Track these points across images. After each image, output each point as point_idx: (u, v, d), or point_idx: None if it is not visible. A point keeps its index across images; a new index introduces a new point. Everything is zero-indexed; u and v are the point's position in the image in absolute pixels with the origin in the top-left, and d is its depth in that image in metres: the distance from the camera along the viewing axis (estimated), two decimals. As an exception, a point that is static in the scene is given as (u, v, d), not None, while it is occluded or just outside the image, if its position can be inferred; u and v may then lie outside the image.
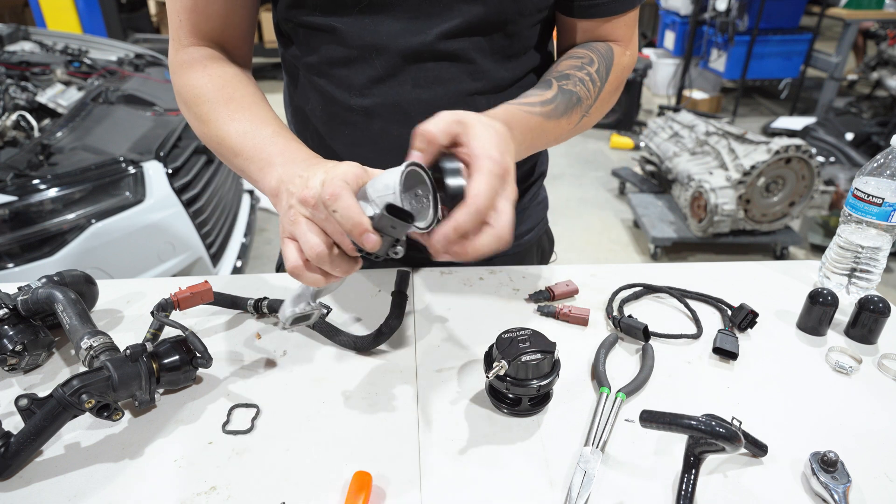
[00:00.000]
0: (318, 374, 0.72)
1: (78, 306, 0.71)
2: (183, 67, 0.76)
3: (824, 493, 0.56)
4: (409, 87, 0.76)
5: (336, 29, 0.73)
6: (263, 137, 0.66)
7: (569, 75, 0.73)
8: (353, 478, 0.56)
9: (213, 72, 0.74)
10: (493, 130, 0.55)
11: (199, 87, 0.74)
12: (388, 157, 0.81)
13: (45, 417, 0.57)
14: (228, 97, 0.72)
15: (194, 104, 0.74)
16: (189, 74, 0.75)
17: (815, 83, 5.75)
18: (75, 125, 2.11)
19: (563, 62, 0.76)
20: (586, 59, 0.75)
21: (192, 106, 0.74)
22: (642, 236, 3.38)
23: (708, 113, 3.95)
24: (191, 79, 0.75)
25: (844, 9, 4.70)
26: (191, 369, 0.67)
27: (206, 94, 0.73)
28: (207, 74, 0.74)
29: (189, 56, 0.76)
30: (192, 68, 0.75)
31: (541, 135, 0.69)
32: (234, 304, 0.81)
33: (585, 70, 0.74)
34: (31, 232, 1.77)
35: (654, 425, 0.57)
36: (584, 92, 0.73)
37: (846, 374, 0.73)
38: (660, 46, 5.85)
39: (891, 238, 0.83)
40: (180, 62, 0.76)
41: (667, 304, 0.87)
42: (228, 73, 0.75)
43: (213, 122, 0.71)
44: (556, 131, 0.71)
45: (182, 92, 0.75)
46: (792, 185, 2.91)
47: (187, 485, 0.57)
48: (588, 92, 0.74)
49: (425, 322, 0.81)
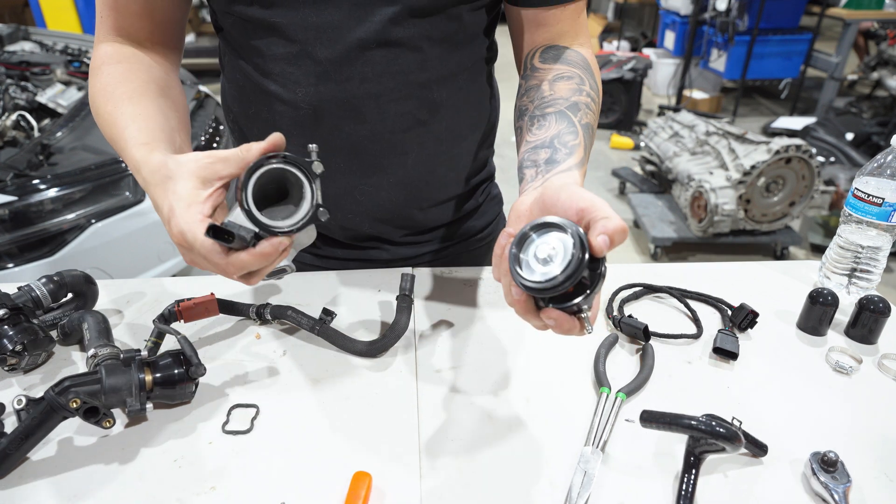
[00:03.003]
0: (318, 374, 0.72)
1: (101, 325, 0.72)
2: (92, 68, 0.75)
3: (824, 493, 0.56)
4: (356, 81, 0.74)
5: (276, 24, 0.72)
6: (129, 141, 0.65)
7: (577, 105, 0.71)
8: (353, 478, 0.56)
9: (108, 69, 0.73)
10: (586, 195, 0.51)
11: (93, 87, 0.73)
12: (342, 157, 0.80)
13: (36, 418, 0.57)
14: (108, 96, 0.70)
15: (92, 104, 0.73)
16: (93, 76, 0.74)
17: (815, 83, 5.75)
18: (75, 125, 2.11)
19: (558, 84, 0.73)
20: (576, 79, 0.74)
21: (92, 107, 0.73)
22: (642, 236, 3.38)
23: (708, 113, 3.95)
24: (93, 79, 0.74)
25: (844, 9, 4.69)
26: (188, 385, 0.65)
27: (95, 95, 0.72)
28: (102, 73, 0.73)
29: (98, 53, 0.75)
30: (97, 68, 0.74)
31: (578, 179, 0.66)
32: (236, 310, 0.80)
33: (584, 92, 0.73)
34: (31, 232, 1.77)
35: (654, 425, 0.57)
36: (592, 119, 0.72)
37: (846, 374, 0.73)
38: (660, 46, 5.85)
39: (891, 238, 0.83)
40: (92, 62, 0.76)
41: (667, 304, 0.87)
42: (119, 70, 0.73)
43: (99, 124, 0.71)
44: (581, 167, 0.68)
45: (90, 95, 0.75)
46: (792, 185, 2.91)
47: (187, 485, 0.57)
48: (594, 114, 0.73)
49: (425, 322, 0.81)
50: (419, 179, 0.84)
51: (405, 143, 0.80)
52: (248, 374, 0.72)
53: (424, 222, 0.91)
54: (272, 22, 0.72)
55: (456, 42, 0.78)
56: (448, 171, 0.87)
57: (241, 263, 0.54)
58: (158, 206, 0.59)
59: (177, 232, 0.55)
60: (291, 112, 0.77)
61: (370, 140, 0.78)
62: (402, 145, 0.80)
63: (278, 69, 0.75)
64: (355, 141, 0.78)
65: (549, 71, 0.75)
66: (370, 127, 0.77)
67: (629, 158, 4.44)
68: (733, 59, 4.91)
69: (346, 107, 0.75)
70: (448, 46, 0.77)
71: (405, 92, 0.76)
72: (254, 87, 0.78)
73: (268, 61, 0.75)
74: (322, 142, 0.78)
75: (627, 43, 6.57)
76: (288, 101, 0.76)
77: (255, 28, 0.73)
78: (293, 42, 0.72)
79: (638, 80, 4.72)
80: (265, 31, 0.73)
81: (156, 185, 0.59)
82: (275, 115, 0.78)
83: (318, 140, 0.78)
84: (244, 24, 0.74)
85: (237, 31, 0.76)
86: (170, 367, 0.64)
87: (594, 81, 0.75)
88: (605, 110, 4.92)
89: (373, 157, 0.80)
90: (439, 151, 0.83)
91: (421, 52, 0.75)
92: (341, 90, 0.74)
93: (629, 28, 7.42)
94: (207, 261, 0.55)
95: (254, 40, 0.74)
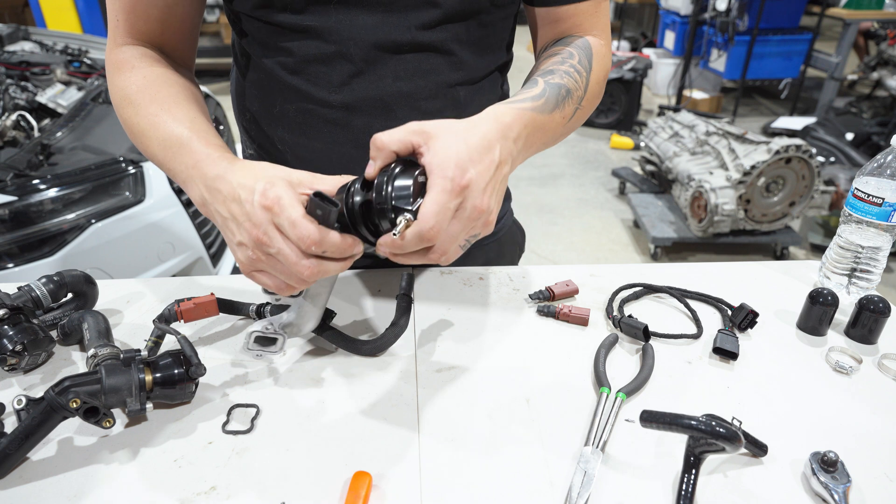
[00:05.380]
0: (318, 374, 0.72)
1: (101, 325, 0.72)
2: (114, 69, 0.74)
3: (824, 493, 0.56)
4: (389, 80, 0.75)
5: (310, 27, 0.72)
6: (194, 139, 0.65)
7: (553, 70, 0.72)
8: (353, 478, 0.56)
9: (141, 72, 0.72)
10: (461, 143, 0.53)
11: (126, 89, 0.72)
12: None
13: (36, 418, 0.57)
14: (151, 97, 0.70)
15: (121, 106, 0.72)
16: (118, 76, 0.73)
17: (815, 83, 5.75)
18: (75, 125, 2.10)
19: (543, 61, 0.76)
20: (565, 54, 0.75)
21: (119, 108, 0.72)
22: (642, 236, 3.38)
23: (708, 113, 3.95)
24: (120, 80, 0.73)
25: (844, 9, 4.70)
26: (188, 385, 0.65)
27: (132, 96, 0.71)
28: (135, 75, 0.72)
29: (121, 56, 0.74)
30: (121, 69, 0.73)
31: (537, 130, 0.67)
32: (236, 310, 0.80)
33: (567, 63, 0.73)
34: (31, 232, 1.77)
35: (654, 425, 0.57)
36: (571, 83, 0.72)
37: (846, 374, 0.73)
38: (660, 46, 5.84)
39: (891, 238, 0.83)
40: (112, 63, 0.75)
41: (667, 304, 0.87)
42: (156, 73, 0.73)
43: (135, 124, 0.70)
44: (551, 125, 0.69)
45: (113, 94, 0.74)
46: (792, 185, 2.91)
47: (187, 485, 0.57)
48: (576, 83, 0.73)
49: (425, 322, 0.81)
50: None
51: None
52: (248, 374, 0.72)
53: None
54: (306, 25, 0.72)
55: (483, 47, 0.79)
56: None
57: (326, 238, 0.53)
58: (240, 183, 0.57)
59: (273, 196, 0.53)
60: (322, 110, 0.77)
61: None
62: None
63: (311, 69, 0.75)
64: None
65: (548, 52, 0.77)
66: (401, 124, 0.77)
67: (629, 158, 4.44)
68: (733, 59, 4.91)
69: (379, 104, 0.76)
70: (476, 50, 0.78)
71: (434, 91, 0.77)
72: (282, 86, 0.78)
73: (299, 61, 0.75)
74: (352, 139, 0.79)
75: (627, 43, 6.58)
76: (320, 99, 0.77)
77: (286, 31, 0.73)
78: (328, 43, 0.73)
79: (638, 80, 4.72)
80: (297, 34, 0.73)
81: (240, 168, 0.59)
82: (304, 114, 0.79)
83: (348, 137, 0.79)
84: (273, 28, 0.74)
85: (264, 34, 0.76)
86: (170, 367, 0.63)
87: (586, 61, 0.75)
88: (606, 110, 4.93)
89: None
90: None
91: (451, 55, 0.76)
92: (374, 88, 0.75)
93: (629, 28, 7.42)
94: (294, 227, 0.53)
95: (283, 42, 0.75)
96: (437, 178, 0.51)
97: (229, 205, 0.58)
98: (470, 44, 0.77)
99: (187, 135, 0.65)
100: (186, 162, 0.64)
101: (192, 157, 0.63)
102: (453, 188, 0.51)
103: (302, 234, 0.53)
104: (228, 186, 0.58)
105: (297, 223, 0.53)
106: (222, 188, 0.59)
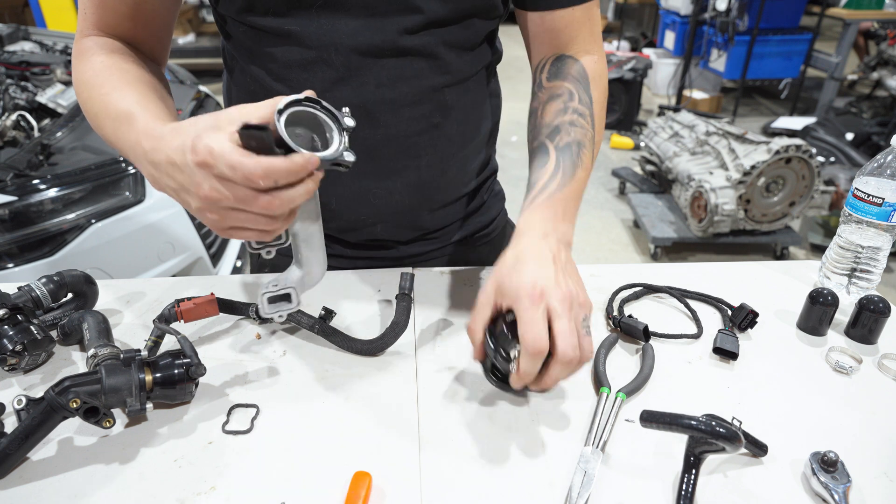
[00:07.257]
0: (317, 374, 0.72)
1: (101, 325, 0.72)
2: (76, 57, 0.74)
3: (824, 493, 0.56)
4: (372, 86, 0.74)
5: (291, 32, 0.71)
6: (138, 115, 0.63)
7: (558, 128, 0.73)
8: (353, 478, 0.56)
9: (99, 58, 0.72)
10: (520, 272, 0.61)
11: (84, 73, 0.71)
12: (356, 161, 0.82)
13: (36, 418, 0.57)
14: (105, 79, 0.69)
15: (79, 91, 0.71)
16: (79, 63, 0.73)
17: (815, 83, 5.75)
18: (75, 125, 2.10)
19: (547, 108, 0.76)
20: (565, 96, 0.75)
21: (78, 93, 0.71)
22: (642, 236, 3.38)
23: (708, 113, 3.95)
24: (80, 66, 0.72)
25: (844, 9, 4.69)
26: (188, 385, 0.65)
27: (89, 80, 0.70)
28: (94, 60, 0.71)
29: (84, 45, 0.74)
30: (83, 56, 0.73)
31: (569, 200, 0.71)
32: (236, 310, 0.80)
33: (570, 111, 0.74)
34: (31, 232, 1.77)
35: (654, 425, 0.57)
36: (580, 133, 0.73)
37: (846, 374, 0.73)
38: (660, 46, 5.85)
39: (891, 238, 0.83)
40: (76, 53, 0.74)
41: (667, 304, 0.87)
42: (114, 58, 0.72)
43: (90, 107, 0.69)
44: (579, 184, 0.72)
45: (74, 81, 0.73)
46: (792, 185, 2.91)
47: (187, 485, 0.57)
48: (583, 129, 0.74)
49: (425, 322, 0.81)
50: (431, 181, 0.84)
51: (419, 146, 0.80)
52: (248, 374, 0.72)
53: (433, 223, 0.91)
54: (287, 30, 0.71)
55: (468, 48, 0.79)
56: (458, 172, 0.87)
57: (270, 166, 0.50)
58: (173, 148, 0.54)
59: (203, 149, 0.51)
60: None
61: (384, 144, 0.78)
62: (416, 148, 0.80)
63: (293, 75, 0.75)
64: (370, 145, 0.78)
65: (547, 90, 0.78)
66: (384, 131, 0.77)
67: (629, 158, 4.44)
68: (733, 59, 4.91)
69: (361, 111, 0.75)
70: (460, 52, 0.78)
71: (419, 96, 0.76)
72: (267, 92, 0.77)
73: (282, 67, 0.75)
74: None
75: (627, 43, 6.57)
76: None
77: (269, 35, 0.73)
78: (309, 49, 0.72)
79: (638, 80, 4.72)
80: (280, 39, 0.73)
81: (170, 132, 0.56)
82: None
83: None
84: (257, 32, 0.74)
85: (249, 39, 0.75)
86: (170, 367, 0.63)
87: (585, 95, 0.77)
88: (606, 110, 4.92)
89: (387, 160, 0.80)
90: (450, 153, 0.83)
91: (436, 59, 0.75)
92: (356, 95, 0.75)
93: (629, 28, 7.42)
94: (234, 169, 0.50)
95: (267, 47, 0.74)
96: (517, 305, 0.59)
97: (172, 173, 0.56)
98: (454, 46, 0.76)
99: (133, 111, 0.63)
100: (131, 139, 0.62)
101: (135, 133, 0.61)
102: (532, 301, 0.58)
103: (245, 173, 0.50)
104: (163, 155, 0.56)
105: (236, 164, 0.50)
106: (160, 159, 0.57)
